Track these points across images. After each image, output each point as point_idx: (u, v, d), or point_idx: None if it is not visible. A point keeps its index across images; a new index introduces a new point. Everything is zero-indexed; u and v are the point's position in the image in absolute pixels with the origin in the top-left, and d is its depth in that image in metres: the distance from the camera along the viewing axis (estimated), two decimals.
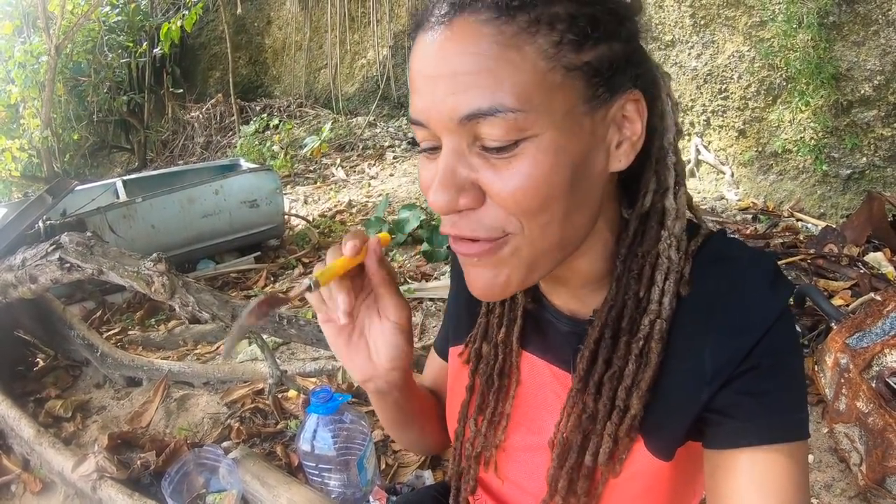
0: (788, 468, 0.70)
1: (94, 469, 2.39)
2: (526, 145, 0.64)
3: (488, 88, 0.62)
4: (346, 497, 2.13)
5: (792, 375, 0.73)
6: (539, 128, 0.64)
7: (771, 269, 0.74)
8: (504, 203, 0.67)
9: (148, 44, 10.71)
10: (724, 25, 5.22)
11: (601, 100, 0.68)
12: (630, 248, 0.78)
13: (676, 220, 0.76)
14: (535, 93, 0.63)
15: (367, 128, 9.39)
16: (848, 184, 4.73)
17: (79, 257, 2.58)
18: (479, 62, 0.62)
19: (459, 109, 0.64)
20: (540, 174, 0.65)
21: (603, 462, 0.79)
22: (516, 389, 0.92)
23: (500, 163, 0.65)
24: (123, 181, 5.86)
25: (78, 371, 3.48)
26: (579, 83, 0.66)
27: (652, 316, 0.76)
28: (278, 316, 2.63)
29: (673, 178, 0.77)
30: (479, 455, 0.97)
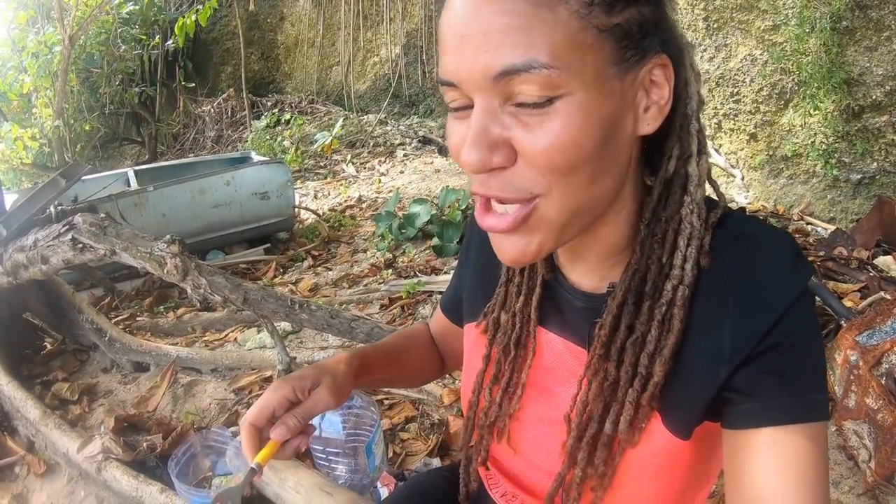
0: (808, 448, 0.69)
1: (99, 450, 2.39)
2: (558, 104, 0.64)
3: (522, 45, 0.62)
4: (353, 483, 2.13)
5: (812, 355, 0.72)
6: (572, 87, 0.64)
7: (791, 249, 0.74)
8: (535, 161, 0.67)
9: (161, 37, 10.76)
10: (737, 29, 5.22)
11: (631, 62, 0.68)
12: (654, 213, 0.78)
13: (699, 186, 0.76)
14: (568, 51, 0.63)
15: (378, 125, 9.41)
16: (858, 188, 4.72)
17: (92, 238, 2.58)
18: (513, 20, 0.62)
19: (493, 67, 0.64)
20: (571, 133, 0.65)
21: (623, 430, 0.78)
22: (532, 360, 0.92)
23: (532, 121, 0.65)
24: (135, 171, 5.90)
25: (85, 355, 3.49)
26: (610, 45, 0.65)
27: (675, 281, 0.75)
28: (290, 300, 2.63)
29: (696, 145, 0.77)
30: (493, 425, 0.97)
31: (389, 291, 4.09)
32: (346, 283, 4.60)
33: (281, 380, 0.94)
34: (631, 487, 0.82)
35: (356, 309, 3.92)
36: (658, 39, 0.70)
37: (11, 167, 9.02)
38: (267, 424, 0.92)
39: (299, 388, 0.94)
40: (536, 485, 0.96)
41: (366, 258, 5.13)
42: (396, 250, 5.13)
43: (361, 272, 4.76)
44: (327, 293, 4.38)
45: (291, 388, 0.93)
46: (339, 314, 2.77)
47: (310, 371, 0.96)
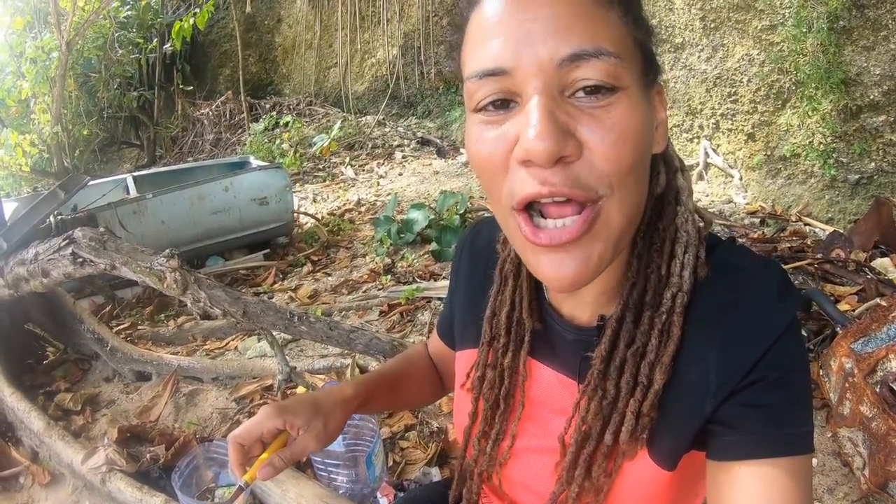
0: (791, 482, 0.70)
1: (103, 462, 2.41)
2: (620, 96, 0.65)
3: (589, 33, 0.64)
4: (353, 493, 2.15)
5: (797, 389, 0.72)
6: (628, 81, 0.66)
7: (778, 280, 0.74)
8: (606, 153, 0.65)
9: (158, 41, 10.76)
10: (734, 29, 5.22)
11: (649, 80, 0.72)
12: (650, 225, 0.80)
13: (690, 196, 0.80)
14: (623, 48, 0.66)
15: (377, 127, 9.42)
16: (856, 189, 4.73)
17: (92, 252, 2.60)
18: (578, 10, 0.64)
19: (562, 50, 0.63)
20: (635, 126, 0.66)
21: (624, 440, 0.78)
22: (522, 412, 0.92)
23: (598, 111, 0.64)
24: (134, 177, 5.90)
25: (87, 365, 3.50)
26: (641, 56, 0.70)
27: (674, 289, 0.76)
28: (289, 312, 2.65)
29: (677, 161, 0.82)
30: (482, 473, 0.98)
31: (388, 298, 4.10)
32: (345, 289, 4.61)
33: (276, 408, 0.97)
34: None
35: (355, 316, 3.94)
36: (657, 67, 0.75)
37: (11, 173, 9.02)
38: (253, 444, 0.96)
39: (290, 424, 0.97)
40: None
41: (365, 263, 5.14)
42: (395, 255, 5.14)
43: (360, 278, 4.76)
44: (327, 300, 4.38)
45: (283, 422, 0.97)
46: (338, 326, 2.78)
47: (305, 409, 0.99)
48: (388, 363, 1.21)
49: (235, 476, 0.95)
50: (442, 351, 1.22)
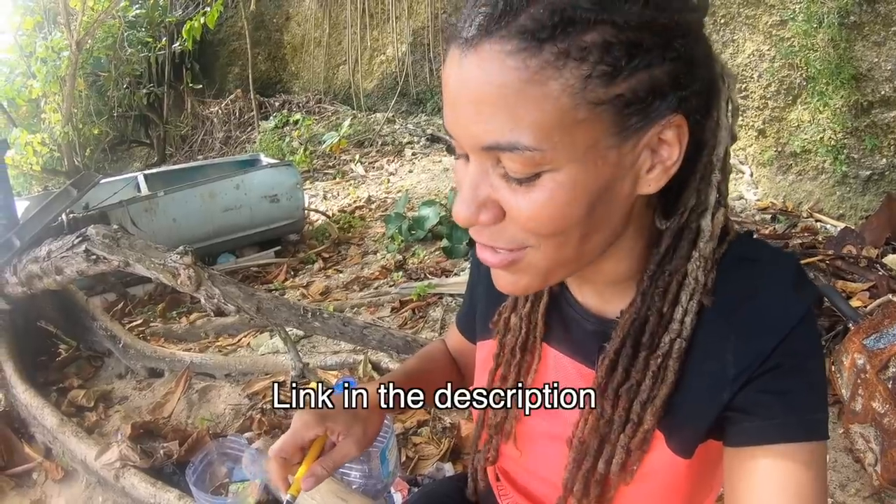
0: (807, 467, 0.70)
1: (117, 458, 2.42)
2: (545, 177, 0.64)
3: (507, 125, 0.62)
4: (367, 488, 2.15)
5: (813, 376, 0.73)
6: (558, 163, 0.63)
7: (793, 271, 0.75)
8: (522, 224, 0.68)
9: (167, 39, 10.78)
10: (745, 24, 5.21)
11: (633, 129, 0.64)
12: (659, 265, 0.77)
13: (709, 241, 0.75)
14: (555, 131, 0.61)
15: (386, 124, 9.41)
16: (867, 185, 4.71)
17: (105, 249, 2.61)
18: (501, 95, 0.61)
19: (480, 139, 0.64)
20: (555, 206, 0.65)
21: (615, 472, 0.80)
22: (538, 365, 0.94)
23: (519, 189, 0.66)
24: (145, 175, 5.94)
25: (100, 362, 3.52)
26: (607, 117, 0.62)
27: (673, 335, 0.76)
28: (303, 308, 2.66)
29: (714, 197, 0.75)
30: (500, 425, 0.99)
31: (400, 294, 4.11)
32: (356, 285, 4.62)
33: (316, 416, 0.96)
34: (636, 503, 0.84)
35: (367, 312, 3.95)
36: (674, 99, 0.65)
37: (22, 172, 9.05)
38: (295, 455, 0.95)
39: (331, 430, 0.97)
40: (545, 497, 0.97)
41: (376, 260, 5.15)
42: (406, 252, 5.15)
43: (372, 274, 4.77)
44: (338, 296, 4.40)
45: (324, 430, 0.96)
46: (351, 321, 2.79)
47: (344, 414, 0.99)
48: (409, 361, 1.21)
49: (278, 490, 0.93)
50: (462, 346, 1.23)
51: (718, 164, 0.74)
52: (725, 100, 0.73)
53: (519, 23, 0.60)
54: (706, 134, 0.73)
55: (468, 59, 0.63)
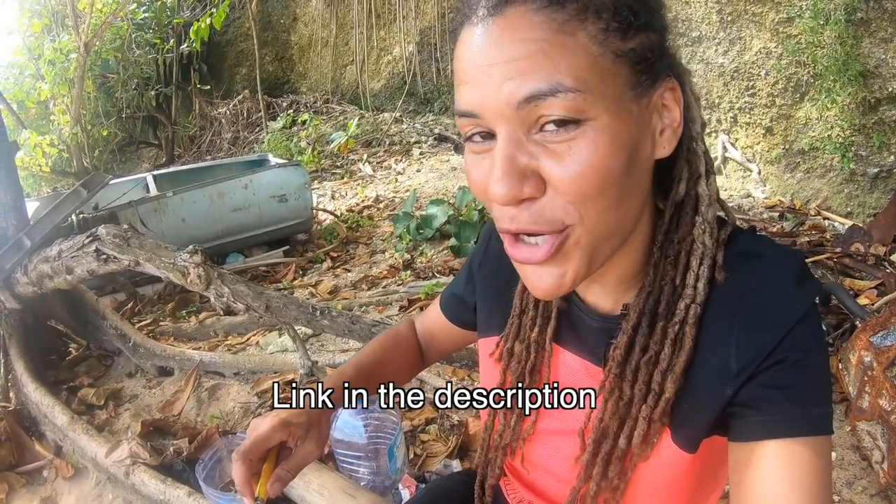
0: (812, 461, 0.71)
1: (127, 455, 2.44)
2: (584, 128, 0.65)
3: (546, 70, 0.63)
4: (375, 485, 2.16)
5: (817, 371, 0.73)
6: (595, 111, 0.65)
7: (796, 267, 0.75)
8: (566, 188, 0.67)
9: (175, 41, 10.82)
10: (752, 22, 5.20)
11: (645, 86, 0.69)
12: (666, 235, 0.79)
13: (709, 206, 0.78)
14: (590, 75, 0.64)
15: (394, 124, 9.44)
16: (875, 182, 4.70)
17: (116, 249, 2.63)
18: (535, 47, 0.63)
19: (518, 93, 0.64)
20: (599, 157, 0.65)
21: (637, 444, 0.81)
22: (547, 379, 0.95)
23: (559, 148, 0.66)
24: (154, 176, 5.96)
25: (110, 360, 3.53)
26: (626, 69, 0.67)
27: (687, 300, 0.77)
28: (311, 307, 2.67)
29: (703, 165, 0.79)
30: (507, 446, 1.01)
31: (408, 293, 4.12)
32: (365, 284, 4.63)
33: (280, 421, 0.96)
34: (642, 498, 0.85)
35: (375, 311, 3.96)
36: (666, 63, 0.73)
37: (31, 174, 9.11)
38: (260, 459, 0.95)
39: (293, 435, 0.97)
40: (551, 492, 0.99)
41: (384, 259, 5.16)
42: (414, 251, 5.16)
43: (380, 273, 4.78)
44: (347, 295, 4.41)
45: (289, 434, 0.96)
46: (360, 320, 2.80)
47: (303, 417, 0.98)
48: (364, 352, 1.20)
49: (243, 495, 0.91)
50: (439, 325, 1.24)
51: (698, 136, 0.79)
52: (689, 87, 0.79)
53: None
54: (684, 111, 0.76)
55: (494, 27, 0.66)
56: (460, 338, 1.24)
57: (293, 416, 0.98)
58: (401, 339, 1.26)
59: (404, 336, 1.27)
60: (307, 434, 0.99)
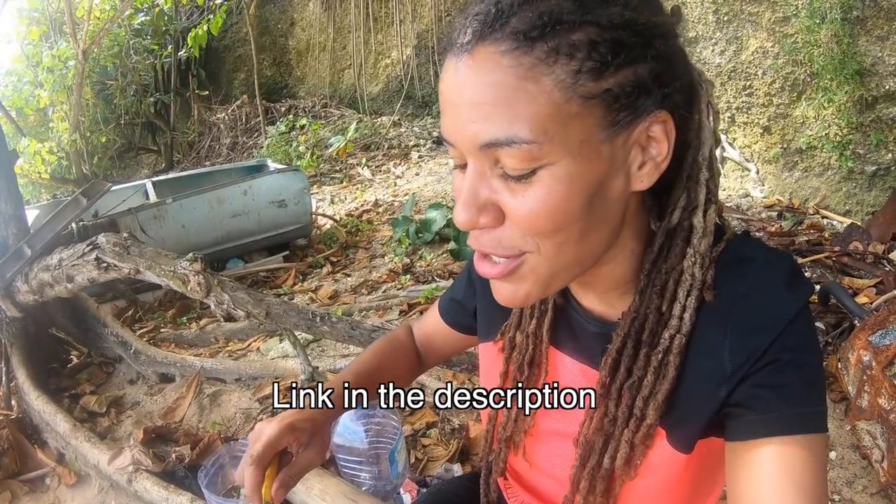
0: (807, 459, 0.71)
1: (129, 462, 2.44)
2: (542, 173, 0.66)
3: (505, 120, 0.64)
4: (377, 489, 2.17)
5: (810, 370, 0.74)
6: (554, 156, 0.65)
7: (787, 269, 0.76)
8: (520, 225, 0.70)
9: (173, 47, 10.84)
10: (748, 21, 5.21)
11: (622, 124, 0.67)
12: (654, 264, 0.79)
13: (703, 238, 0.77)
14: (551, 124, 0.64)
15: (392, 127, 9.45)
16: (873, 180, 4.70)
17: (116, 257, 2.64)
18: (498, 93, 0.64)
19: (479, 137, 0.66)
20: (554, 201, 0.67)
21: (620, 466, 0.82)
22: (545, 379, 0.96)
23: (518, 187, 0.68)
24: (153, 182, 5.96)
25: (111, 368, 3.54)
26: (598, 111, 0.65)
27: (672, 331, 0.77)
28: (311, 313, 2.68)
29: (704, 195, 0.78)
30: (510, 439, 1.01)
31: (408, 297, 4.13)
32: (365, 289, 4.63)
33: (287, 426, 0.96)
34: (638, 500, 0.86)
35: (376, 315, 3.96)
36: (658, 96, 0.69)
37: (31, 181, 9.13)
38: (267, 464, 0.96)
39: (298, 441, 0.98)
40: (552, 495, 0.99)
41: (384, 263, 5.16)
42: (414, 255, 5.17)
43: (380, 278, 4.79)
44: (347, 300, 4.41)
45: (294, 439, 0.97)
46: (360, 325, 2.81)
47: (308, 424, 0.99)
48: (362, 358, 1.21)
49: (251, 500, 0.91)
50: (437, 330, 1.25)
51: (705, 163, 0.77)
52: (705, 104, 0.77)
53: (511, 25, 0.64)
54: (690, 134, 0.76)
55: (464, 64, 0.66)
56: (459, 342, 1.24)
57: (298, 422, 0.98)
58: (398, 344, 1.26)
59: (402, 341, 1.27)
60: (310, 441, 1.00)
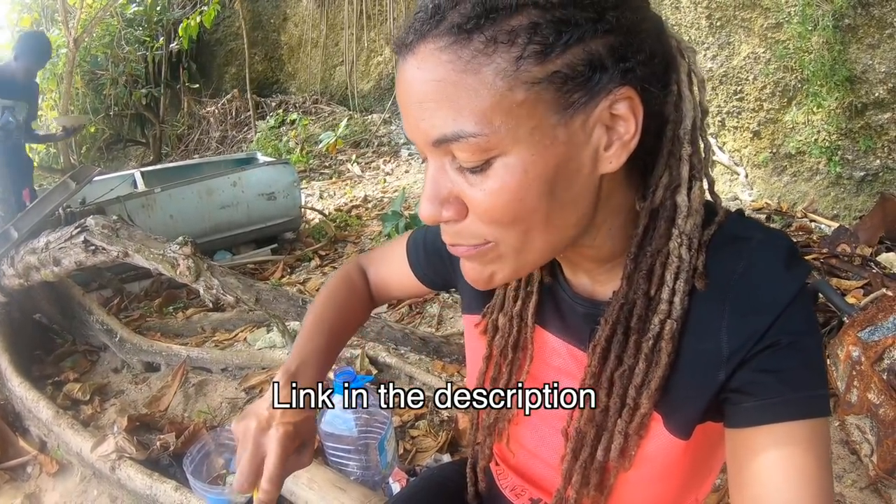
0: (810, 444, 0.70)
1: (113, 449, 2.42)
2: (496, 163, 0.66)
3: (450, 116, 0.64)
4: (365, 479, 2.16)
5: (810, 353, 0.72)
6: (505, 146, 0.64)
7: (786, 249, 0.74)
8: (480, 217, 0.69)
9: (165, 38, 10.79)
10: (740, 27, 5.23)
11: (578, 105, 0.65)
12: (640, 246, 0.77)
13: (688, 217, 0.74)
14: (496, 115, 0.63)
15: (383, 125, 9.43)
16: (861, 186, 4.73)
17: (104, 240, 2.62)
18: (440, 90, 0.64)
19: (429, 135, 0.66)
20: (510, 191, 0.66)
21: (614, 458, 0.81)
22: (530, 364, 0.94)
23: (475, 179, 0.67)
24: (142, 172, 5.92)
25: (96, 356, 3.52)
26: (547, 95, 0.63)
27: (662, 316, 0.75)
28: (301, 300, 2.67)
29: (687, 171, 0.74)
30: (493, 426, 1.00)
31: None
32: None
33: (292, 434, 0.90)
34: (632, 488, 0.85)
35: None
36: (617, 71, 0.65)
37: None
38: None
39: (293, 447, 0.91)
40: (543, 478, 0.99)
41: None
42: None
43: None
44: None
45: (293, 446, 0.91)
46: None
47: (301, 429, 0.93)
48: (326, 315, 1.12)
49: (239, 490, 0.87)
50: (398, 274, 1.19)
51: (687, 137, 0.74)
52: (686, 73, 0.74)
53: (448, 20, 0.63)
54: (668, 108, 0.73)
55: (408, 63, 0.67)
56: (416, 291, 1.20)
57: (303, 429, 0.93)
58: (353, 290, 1.20)
59: (357, 286, 1.21)
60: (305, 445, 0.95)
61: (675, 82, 0.73)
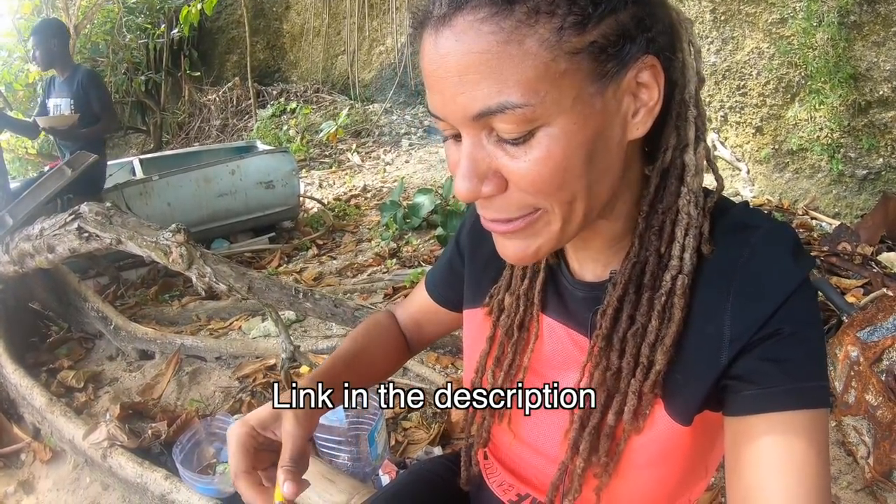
0: (809, 434, 0.69)
1: (105, 437, 2.42)
2: (539, 134, 0.65)
3: (494, 87, 0.63)
4: (355, 470, 2.15)
5: (812, 344, 0.72)
6: (549, 116, 0.64)
7: (792, 240, 0.74)
8: (525, 188, 0.69)
9: (166, 26, 10.76)
10: (745, 22, 5.20)
11: (611, 74, 0.67)
12: (651, 205, 0.78)
13: (695, 175, 0.77)
14: (541, 84, 0.63)
15: (384, 115, 9.42)
16: (863, 184, 4.71)
17: (98, 227, 2.60)
18: (482, 61, 0.62)
19: (470, 109, 0.65)
20: (554, 160, 0.66)
21: (627, 419, 0.80)
22: (535, 344, 0.94)
23: (516, 151, 0.67)
24: (140, 160, 5.91)
25: (91, 343, 3.52)
26: (585, 65, 0.64)
27: (673, 272, 0.76)
28: (294, 289, 2.65)
29: (693, 132, 0.77)
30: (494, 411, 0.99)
31: (393, 281, 4.11)
32: (350, 272, 4.61)
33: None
34: (633, 473, 0.83)
35: (360, 298, 3.94)
36: (642, 41, 0.68)
37: (17, 156, 9.04)
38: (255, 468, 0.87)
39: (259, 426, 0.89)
40: (534, 473, 0.97)
41: (370, 248, 5.14)
42: (400, 240, 5.15)
43: (366, 261, 4.77)
44: (331, 282, 4.39)
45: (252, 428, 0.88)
46: (343, 303, 2.78)
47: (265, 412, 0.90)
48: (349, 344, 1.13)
49: None
50: (425, 309, 1.21)
51: (692, 100, 0.76)
52: (686, 42, 0.76)
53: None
54: (676, 74, 0.75)
55: (444, 36, 0.65)
56: (448, 321, 1.21)
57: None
58: (382, 328, 1.21)
59: (386, 325, 1.22)
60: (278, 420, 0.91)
61: (679, 50, 0.75)
